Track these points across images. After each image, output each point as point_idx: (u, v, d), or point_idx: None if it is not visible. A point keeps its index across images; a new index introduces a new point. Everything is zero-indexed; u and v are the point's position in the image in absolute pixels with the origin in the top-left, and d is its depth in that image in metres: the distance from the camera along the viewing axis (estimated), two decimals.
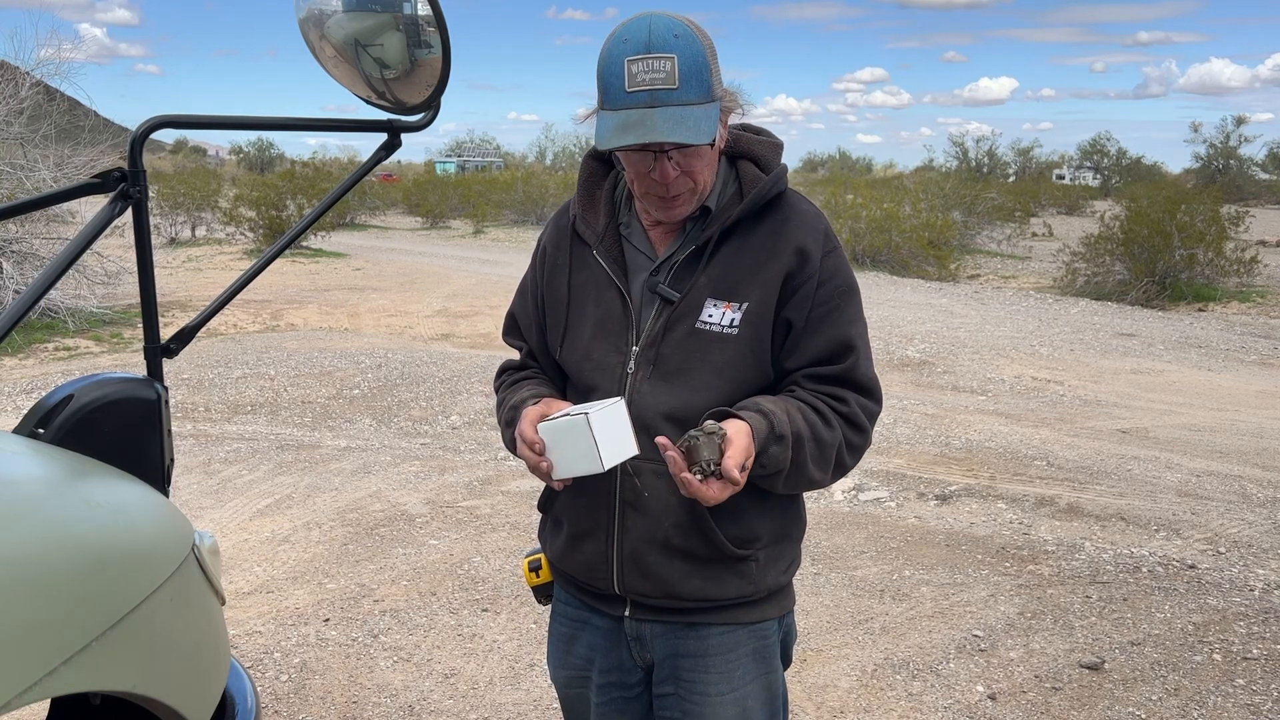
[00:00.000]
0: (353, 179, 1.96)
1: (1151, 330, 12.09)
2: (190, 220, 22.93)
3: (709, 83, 1.45)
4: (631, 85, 1.42)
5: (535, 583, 1.82)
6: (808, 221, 1.60)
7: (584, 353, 1.64)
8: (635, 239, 1.65)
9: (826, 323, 1.57)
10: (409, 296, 13.91)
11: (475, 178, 43.71)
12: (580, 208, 1.68)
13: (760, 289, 1.56)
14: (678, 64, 1.42)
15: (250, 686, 1.59)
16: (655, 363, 1.58)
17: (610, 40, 1.46)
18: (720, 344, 1.56)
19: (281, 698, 3.27)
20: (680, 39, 1.42)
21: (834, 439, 1.56)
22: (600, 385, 1.61)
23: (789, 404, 1.54)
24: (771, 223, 1.60)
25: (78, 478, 1.38)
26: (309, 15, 1.81)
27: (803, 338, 1.57)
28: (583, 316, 1.65)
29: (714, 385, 1.56)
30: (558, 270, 1.69)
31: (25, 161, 11.70)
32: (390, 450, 6.19)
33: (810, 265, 1.56)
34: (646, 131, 1.41)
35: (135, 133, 1.64)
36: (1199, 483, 5.75)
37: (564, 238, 1.70)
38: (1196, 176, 52.48)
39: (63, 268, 1.54)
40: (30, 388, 7.65)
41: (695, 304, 1.57)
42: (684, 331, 1.57)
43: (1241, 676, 3.49)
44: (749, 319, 1.56)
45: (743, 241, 1.59)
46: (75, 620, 1.04)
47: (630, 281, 1.62)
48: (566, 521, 1.70)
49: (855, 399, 1.59)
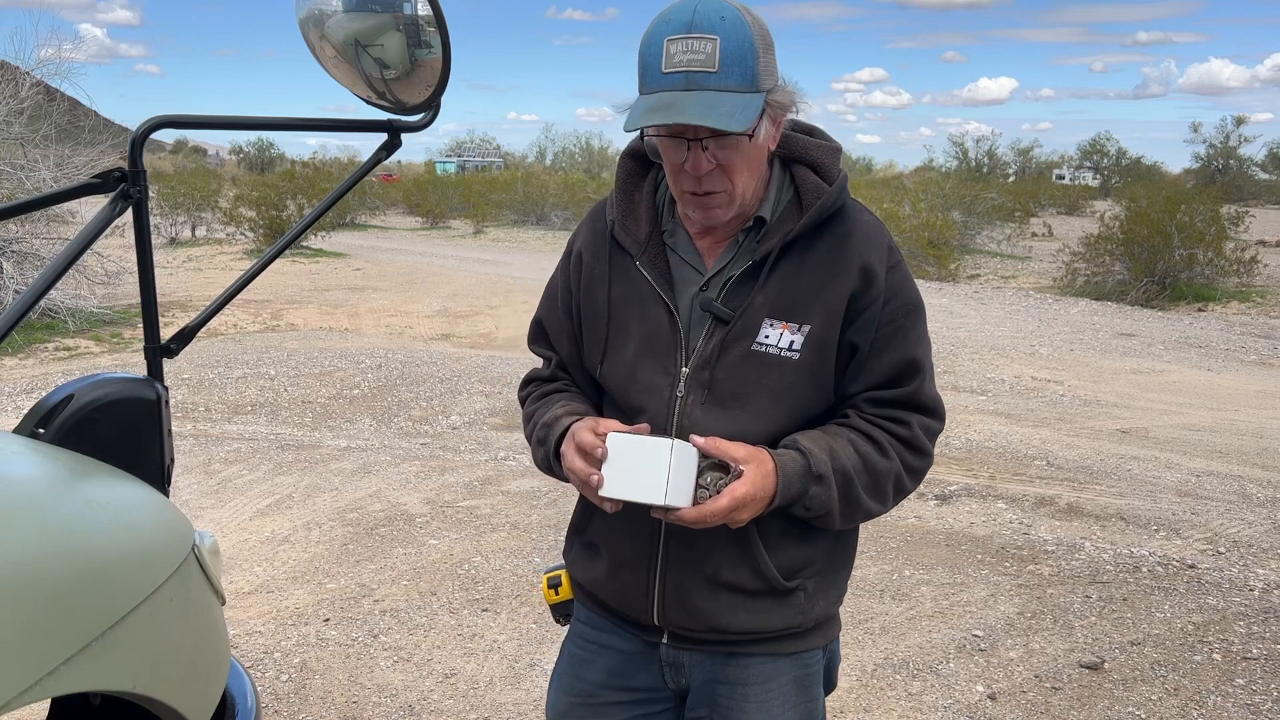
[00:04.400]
0: (353, 179, 1.96)
1: (1151, 330, 12.09)
2: (190, 220, 22.93)
3: (754, 71, 1.33)
4: (668, 66, 1.32)
5: (554, 600, 1.73)
6: (871, 235, 1.49)
7: (628, 372, 1.52)
8: (681, 249, 1.52)
9: (891, 343, 1.48)
10: (409, 296, 13.91)
11: (475, 178, 43.75)
12: (619, 212, 1.55)
13: (823, 311, 1.45)
14: (720, 46, 1.31)
15: (250, 686, 1.59)
16: (708, 386, 1.47)
17: (654, 20, 1.37)
18: (779, 368, 1.45)
19: (281, 698, 3.27)
20: (727, 21, 1.32)
21: (890, 468, 1.48)
22: (648, 408, 1.50)
23: (835, 439, 1.46)
24: (832, 237, 1.48)
25: (78, 478, 1.38)
26: (309, 15, 1.81)
27: (867, 360, 1.48)
28: (625, 332, 1.53)
29: (771, 412, 1.47)
30: (596, 281, 1.56)
31: (25, 161, 11.70)
32: (390, 450, 6.19)
33: (876, 285, 1.45)
34: (675, 113, 1.30)
35: (135, 133, 1.64)
36: (1199, 483, 5.75)
37: (601, 244, 1.57)
38: (1196, 176, 52.51)
39: (63, 268, 1.54)
40: (30, 388, 7.65)
41: (752, 324, 1.46)
42: (739, 354, 1.46)
43: (1241, 676, 3.49)
44: (812, 343, 1.45)
45: (802, 257, 1.47)
46: (75, 620, 1.04)
47: (677, 296, 1.50)
48: (605, 548, 1.60)
49: (918, 420, 1.51)
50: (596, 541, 1.61)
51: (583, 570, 1.65)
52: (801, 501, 1.42)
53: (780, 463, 1.40)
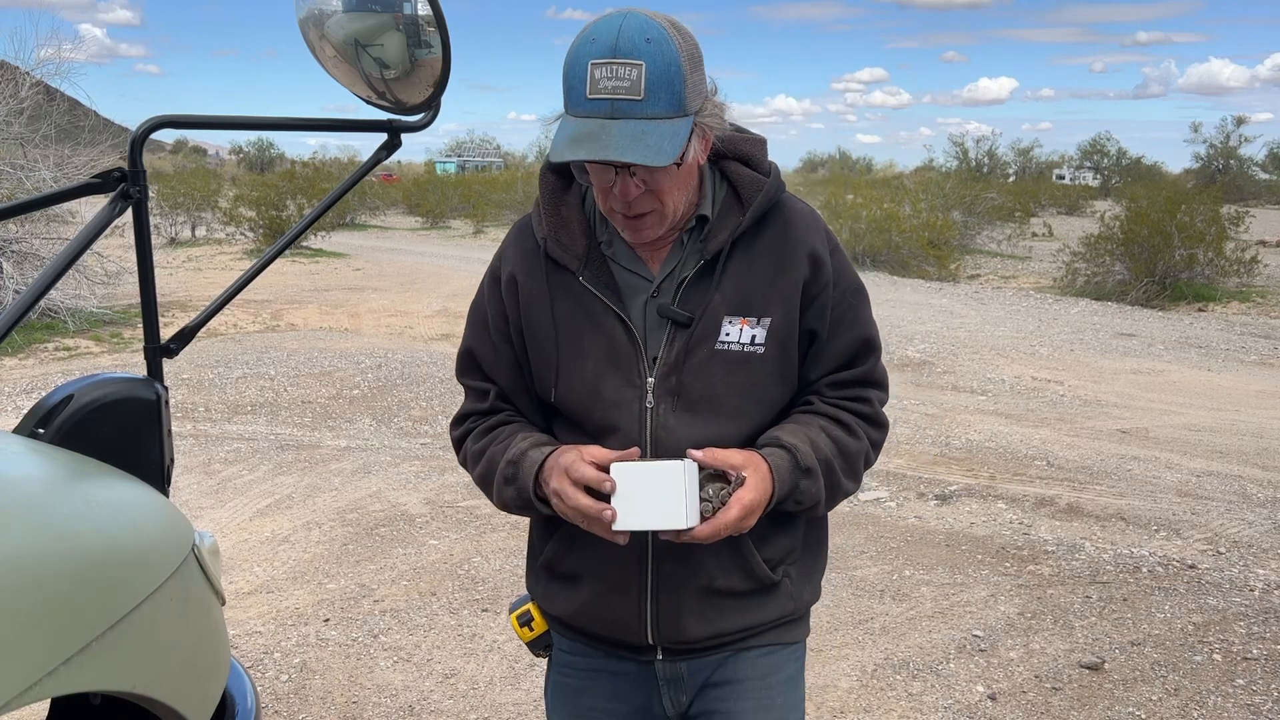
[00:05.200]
0: (353, 179, 1.96)
1: (1151, 330, 12.09)
2: (190, 220, 22.93)
3: (681, 95, 1.30)
4: (593, 91, 1.29)
5: (529, 637, 1.66)
6: (810, 222, 1.51)
7: (590, 390, 1.47)
8: (623, 258, 1.49)
9: (844, 326, 1.50)
10: (409, 296, 13.91)
11: (475, 178, 43.77)
12: (551, 228, 1.49)
13: (781, 302, 1.45)
14: (645, 72, 1.28)
15: (250, 686, 1.59)
16: (677, 393, 1.45)
17: (579, 38, 1.32)
18: (745, 364, 1.45)
19: (281, 698, 3.27)
20: (652, 44, 1.28)
21: (861, 448, 1.51)
22: (618, 423, 1.46)
23: (809, 428, 1.47)
24: (774, 227, 1.48)
25: (78, 478, 1.38)
26: (309, 15, 1.81)
27: (826, 345, 1.50)
28: (579, 350, 1.48)
29: (745, 409, 1.47)
30: (536, 301, 1.50)
31: (25, 161, 11.70)
32: (390, 450, 6.19)
33: (824, 270, 1.47)
34: (600, 147, 1.27)
35: (135, 133, 1.64)
36: (1199, 483, 5.75)
37: (535, 264, 1.51)
38: (1196, 176, 52.50)
39: (63, 268, 1.54)
40: (30, 388, 7.65)
41: (712, 324, 1.44)
42: (704, 355, 1.44)
43: (1241, 676, 3.49)
44: (774, 335, 1.45)
45: (751, 251, 1.47)
46: (75, 620, 1.04)
47: (628, 306, 1.46)
48: (588, 577, 1.53)
49: (875, 395, 1.54)
50: (577, 571, 1.55)
51: (561, 602, 1.59)
52: (793, 496, 1.43)
53: (772, 462, 1.40)
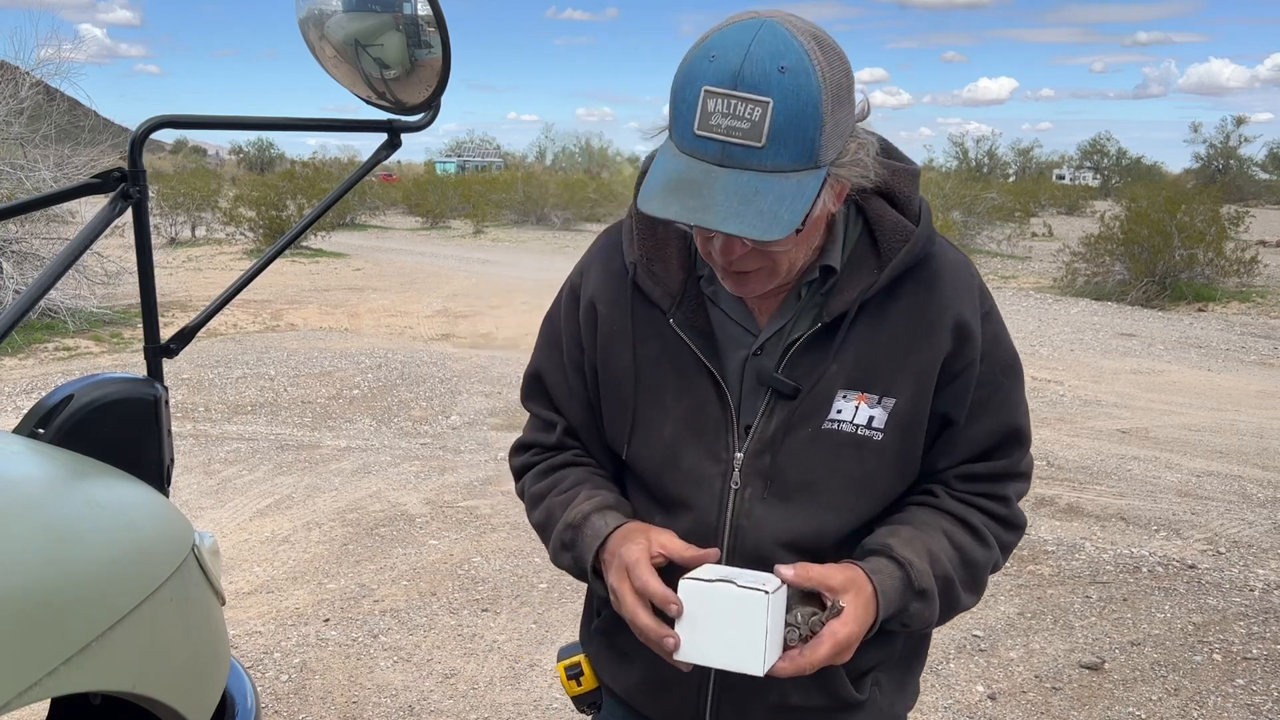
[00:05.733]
0: (353, 179, 1.96)
1: (1151, 330, 12.09)
2: (190, 220, 22.93)
3: (814, 144, 1.02)
4: (702, 127, 1.02)
5: (576, 692, 1.45)
6: (961, 280, 1.22)
7: (667, 457, 1.25)
8: (725, 302, 1.23)
9: (989, 409, 1.23)
10: (409, 296, 13.91)
11: (475, 178, 43.77)
12: (643, 254, 1.25)
13: (912, 380, 1.19)
14: (772, 112, 1.00)
15: (250, 686, 1.59)
16: (770, 476, 1.21)
17: (698, 47, 1.05)
18: (857, 450, 1.20)
19: (281, 698, 3.27)
20: (788, 74, 1.00)
21: (989, 558, 1.26)
22: (694, 502, 1.24)
23: (929, 534, 1.21)
24: (916, 284, 1.20)
25: (77, 478, 1.38)
26: (309, 15, 1.81)
27: (962, 431, 1.24)
28: (659, 406, 1.25)
29: (848, 503, 1.22)
30: (617, 339, 1.27)
31: (25, 161, 11.70)
32: (390, 450, 6.19)
33: (972, 343, 1.20)
34: (700, 206, 1.02)
35: (135, 133, 1.64)
36: (1199, 483, 5.75)
37: (620, 292, 1.26)
38: (1196, 176, 52.52)
39: (63, 268, 1.54)
40: (30, 388, 7.65)
41: (823, 398, 1.19)
42: (808, 435, 1.20)
43: (1241, 676, 3.49)
44: (898, 420, 1.20)
45: (882, 313, 1.20)
46: (75, 620, 1.04)
47: (724, 362, 1.22)
48: (641, 663, 1.31)
49: (1015, 489, 1.27)
50: (630, 650, 1.31)
51: (613, 675, 1.40)
52: (899, 619, 1.18)
53: (879, 584, 1.15)
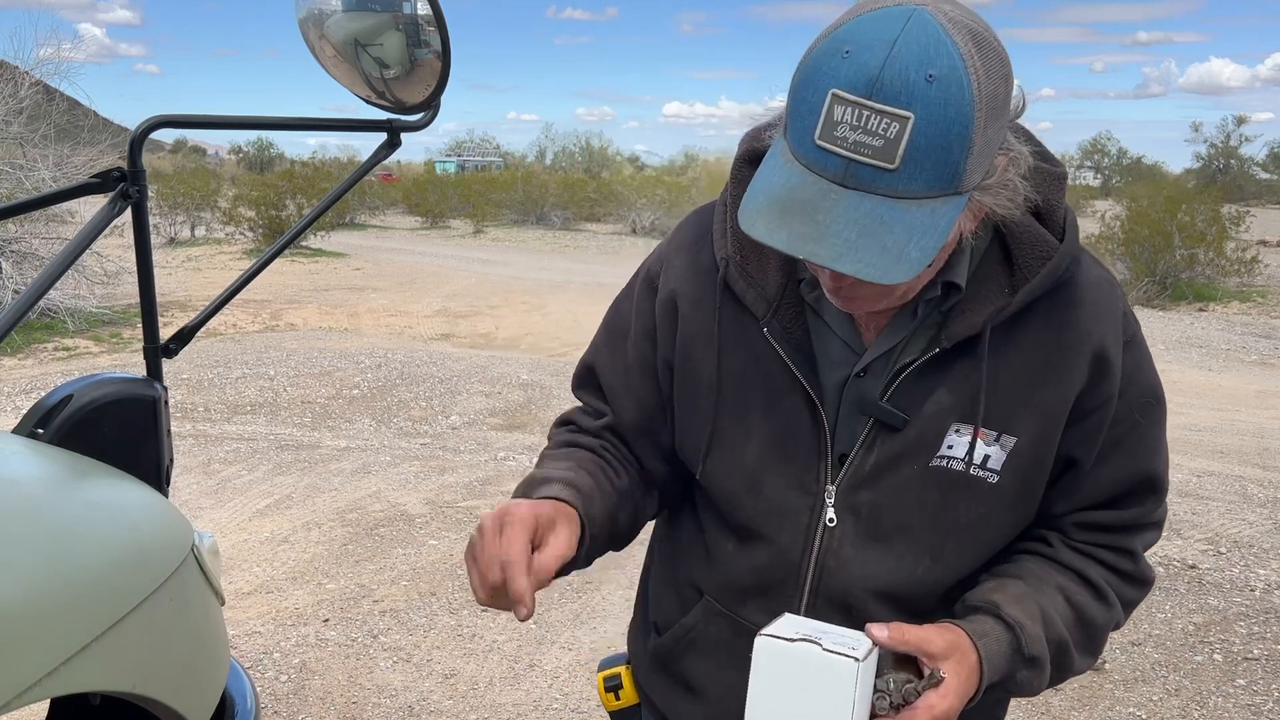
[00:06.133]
0: (352, 179, 1.96)
1: (1152, 330, 12.10)
2: (190, 220, 22.94)
3: (958, 169, 0.86)
4: (825, 137, 0.85)
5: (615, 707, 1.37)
6: (1104, 302, 1.05)
7: (748, 482, 1.10)
8: (828, 313, 1.07)
9: (1121, 450, 1.07)
10: (408, 296, 13.91)
11: (475, 177, 43.77)
12: (738, 250, 1.08)
13: (1038, 418, 1.03)
14: (912, 130, 0.83)
15: (250, 687, 1.59)
16: (863, 514, 1.07)
17: (830, 36, 0.87)
18: (969, 493, 1.04)
19: (281, 698, 3.27)
20: (937, 85, 0.82)
21: (1110, 618, 1.10)
22: (775, 537, 1.10)
23: (1043, 592, 1.06)
24: (1053, 307, 1.03)
25: (77, 478, 1.38)
26: (309, 15, 1.81)
27: (1087, 475, 1.07)
28: (743, 425, 1.10)
29: (952, 551, 1.07)
30: (700, 342, 1.11)
31: (25, 161, 11.71)
32: (390, 450, 6.19)
33: (1110, 378, 1.03)
34: (811, 235, 0.86)
35: (135, 132, 1.64)
36: (1199, 483, 5.75)
37: (708, 289, 1.10)
38: (1197, 176, 52.52)
39: (62, 268, 1.54)
40: (30, 388, 7.65)
41: (932, 433, 1.04)
42: (913, 471, 1.05)
43: (1242, 677, 3.49)
44: (1018, 461, 1.04)
45: (1009, 338, 1.03)
46: (75, 620, 1.04)
47: (821, 380, 1.07)
48: (709, 695, 1.20)
49: (1144, 540, 1.12)
50: (688, 680, 1.21)
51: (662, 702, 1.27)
52: (1003, 686, 1.04)
53: (984, 651, 1.00)
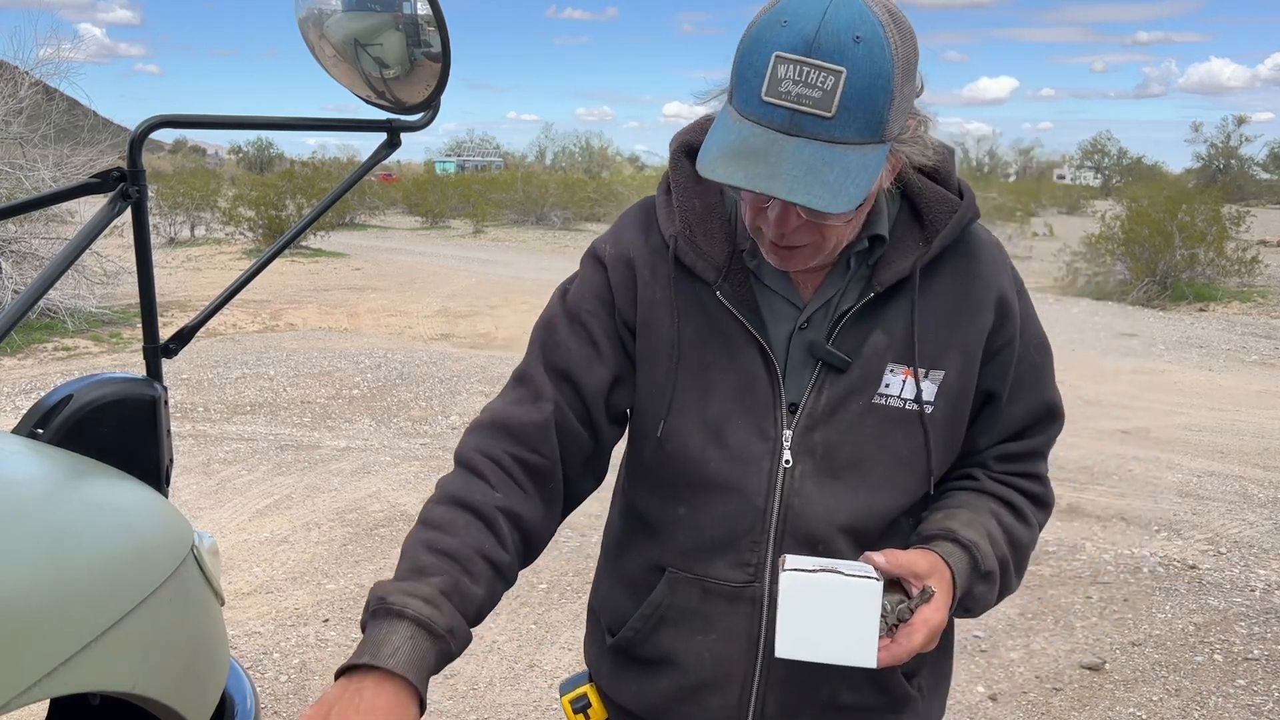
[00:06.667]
0: (352, 179, 1.96)
1: (1152, 330, 12.09)
2: (189, 220, 22.94)
3: (882, 118, 1.00)
4: (771, 93, 0.99)
5: None
6: (998, 256, 1.24)
7: (711, 434, 1.19)
8: (769, 275, 1.19)
9: (1027, 387, 1.24)
10: (408, 296, 13.91)
11: (475, 177, 43.79)
12: (685, 224, 1.20)
13: (959, 353, 1.18)
14: (844, 83, 0.97)
15: (250, 687, 1.59)
16: (820, 453, 1.17)
17: (768, 10, 1.02)
18: (906, 426, 1.18)
19: (281, 698, 3.27)
20: (863, 45, 0.97)
21: (1032, 538, 1.25)
22: (742, 483, 1.18)
23: (982, 516, 1.20)
24: (958, 260, 1.21)
25: (77, 478, 1.38)
26: (309, 15, 1.80)
27: (1002, 409, 1.24)
28: (703, 382, 1.19)
29: (898, 480, 1.19)
30: (658, 308, 1.20)
31: (24, 161, 11.70)
32: (390, 450, 6.18)
33: (1012, 320, 1.21)
34: (766, 174, 1.00)
35: (135, 132, 1.64)
36: (1200, 483, 5.75)
37: (660, 265, 1.21)
38: (1197, 176, 52.54)
39: (62, 268, 1.54)
40: (29, 388, 7.65)
41: (873, 372, 1.17)
42: (858, 409, 1.17)
43: (1242, 677, 3.49)
44: (947, 393, 1.18)
45: (927, 286, 1.19)
46: (74, 621, 1.04)
47: (770, 336, 1.18)
48: (676, 666, 1.25)
49: (1046, 465, 1.29)
50: (665, 657, 1.26)
51: (634, 693, 1.31)
52: (962, 603, 1.17)
53: (955, 568, 1.14)
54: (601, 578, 1.38)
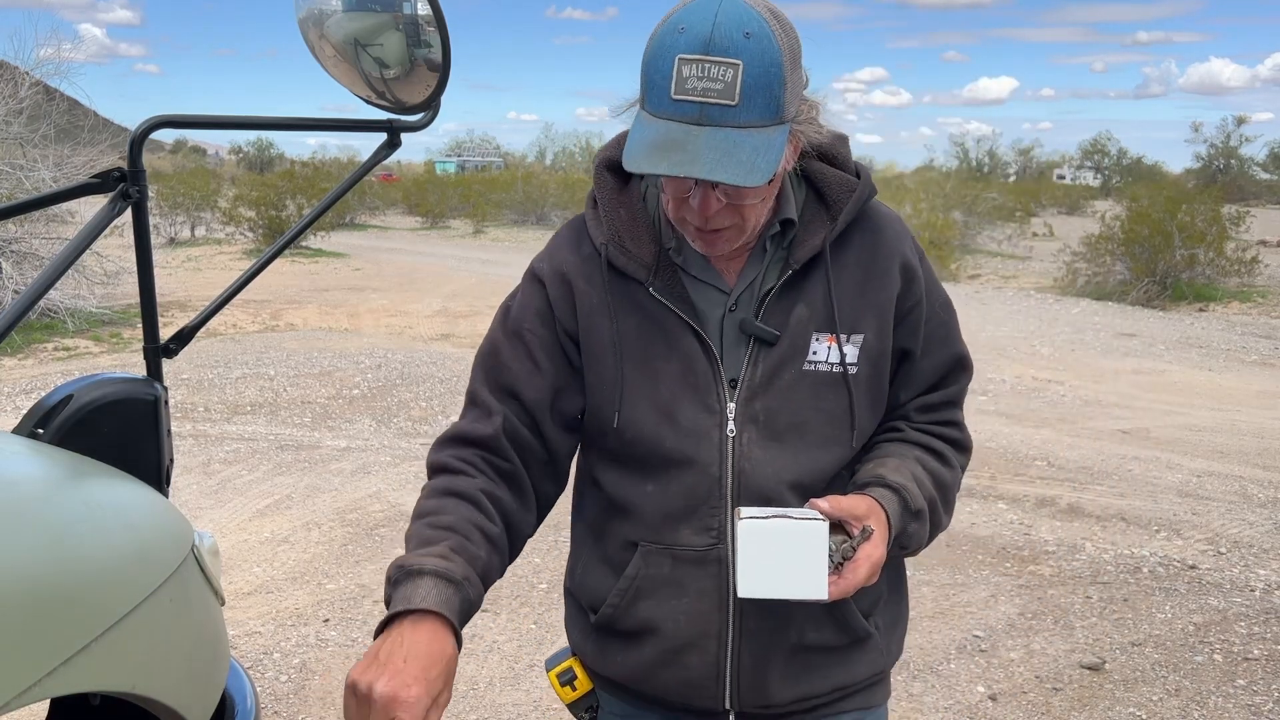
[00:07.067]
0: (352, 179, 1.95)
1: (1152, 330, 12.09)
2: (190, 220, 22.94)
3: (779, 100, 1.14)
4: (679, 92, 1.12)
5: (572, 697, 1.45)
6: (898, 227, 1.37)
7: (662, 416, 1.30)
8: (694, 267, 1.32)
9: (936, 342, 1.37)
10: (409, 296, 13.91)
11: (475, 177, 43.79)
12: (614, 232, 1.33)
13: (874, 317, 1.31)
14: (742, 74, 1.11)
15: (250, 687, 1.58)
16: (762, 420, 1.29)
17: (665, 23, 1.15)
18: (835, 386, 1.30)
19: (281, 698, 3.27)
20: (752, 40, 1.11)
21: (955, 479, 1.38)
22: (697, 456, 1.29)
23: (908, 462, 1.32)
24: (863, 233, 1.34)
25: (77, 478, 1.38)
26: (309, 15, 1.80)
27: (917, 364, 1.36)
28: (649, 370, 1.30)
29: (835, 437, 1.31)
30: (595, 312, 1.32)
31: (25, 161, 11.70)
32: (390, 450, 6.18)
33: (917, 282, 1.34)
34: (687, 160, 1.11)
35: (135, 132, 1.64)
36: (1200, 483, 5.75)
37: (594, 272, 1.33)
38: (1197, 176, 52.52)
39: (62, 268, 1.54)
40: (30, 388, 7.65)
41: (800, 341, 1.29)
42: (791, 377, 1.29)
43: (1242, 677, 3.49)
44: (867, 354, 1.31)
45: (839, 260, 1.31)
46: (74, 621, 1.04)
47: (703, 321, 1.30)
48: (655, 633, 1.34)
49: (961, 414, 1.42)
50: (645, 627, 1.35)
51: (619, 664, 1.39)
52: (898, 541, 1.28)
53: (888, 509, 1.25)
54: (576, 563, 1.47)
